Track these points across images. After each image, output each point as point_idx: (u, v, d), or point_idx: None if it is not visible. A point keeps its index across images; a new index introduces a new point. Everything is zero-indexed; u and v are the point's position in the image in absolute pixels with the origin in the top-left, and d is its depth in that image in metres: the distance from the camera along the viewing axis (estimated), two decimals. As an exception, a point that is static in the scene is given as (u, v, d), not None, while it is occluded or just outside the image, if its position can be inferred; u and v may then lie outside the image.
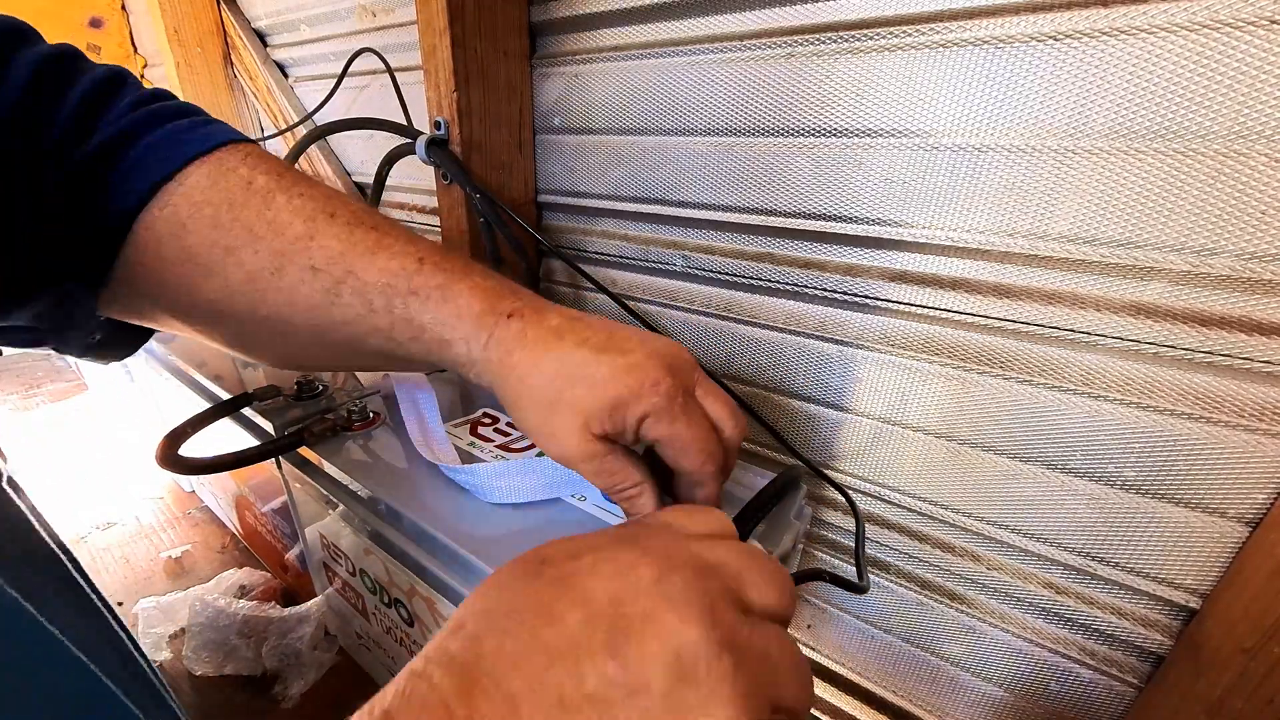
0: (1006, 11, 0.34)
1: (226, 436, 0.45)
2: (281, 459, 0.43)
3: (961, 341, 0.40)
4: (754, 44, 0.43)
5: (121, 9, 1.05)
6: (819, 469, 0.46)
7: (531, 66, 0.56)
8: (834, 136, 0.41)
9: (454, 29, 0.48)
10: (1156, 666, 0.39)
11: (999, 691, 0.47)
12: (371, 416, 0.43)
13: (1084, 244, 0.34)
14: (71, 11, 1.01)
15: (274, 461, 0.44)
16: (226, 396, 0.45)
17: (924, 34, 0.36)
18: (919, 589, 0.49)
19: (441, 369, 0.31)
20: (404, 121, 0.65)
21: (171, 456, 0.38)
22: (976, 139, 0.36)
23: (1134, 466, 0.36)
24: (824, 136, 0.42)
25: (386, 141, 0.62)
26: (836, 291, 0.45)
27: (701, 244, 0.51)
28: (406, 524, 0.35)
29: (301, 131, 0.80)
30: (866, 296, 0.43)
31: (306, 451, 0.41)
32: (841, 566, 0.53)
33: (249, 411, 0.45)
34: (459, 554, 0.32)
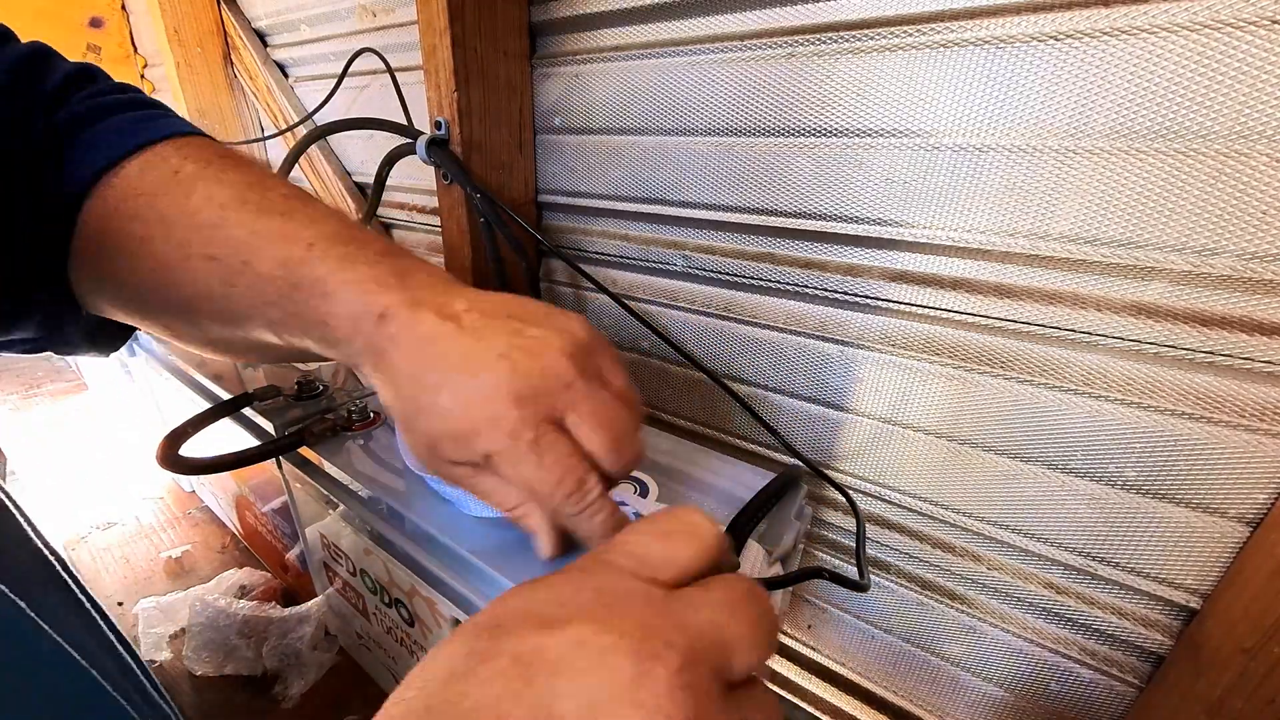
0: (1007, 11, 0.34)
1: (226, 436, 0.45)
2: (282, 459, 0.43)
3: (962, 341, 0.40)
4: (754, 44, 0.43)
5: (121, 9, 1.05)
6: (819, 469, 0.46)
7: (532, 66, 0.55)
8: (835, 136, 0.41)
9: (454, 29, 0.48)
10: (1157, 666, 0.39)
11: (999, 691, 0.47)
12: (372, 416, 0.43)
13: (1085, 244, 0.34)
14: (71, 11, 1.01)
15: (274, 461, 0.44)
16: (226, 396, 0.45)
17: (925, 34, 0.36)
18: (919, 589, 0.49)
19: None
20: (404, 121, 0.65)
21: (172, 456, 0.38)
22: (977, 139, 0.36)
23: (1135, 466, 0.36)
24: (825, 136, 0.42)
25: (387, 141, 0.62)
26: (837, 291, 0.45)
27: (702, 244, 0.51)
28: (407, 524, 0.35)
29: (301, 131, 0.80)
30: (867, 296, 0.43)
31: (307, 451, 0.41)
32: (842, 566, 0.53)
33: (249, 411, 0.45)
34: (460, 554, 0.32)
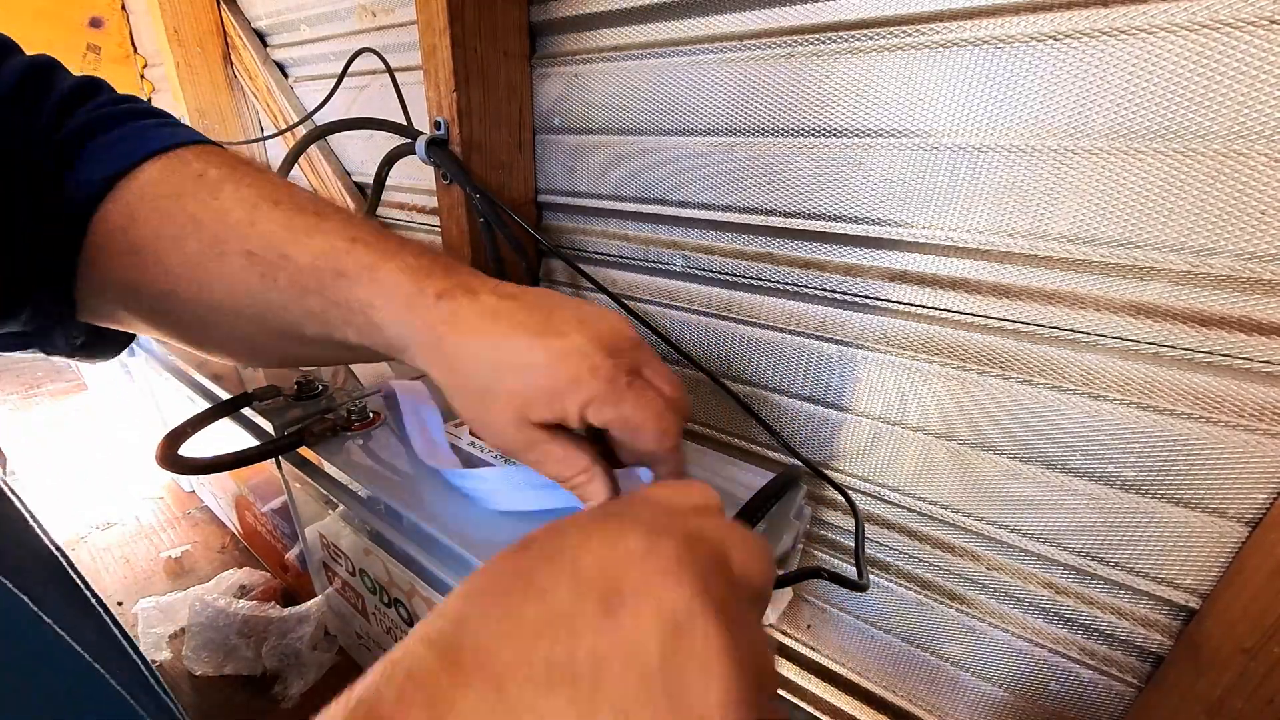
0: (1006, 11, 0.34)
1: (226, 436, 0.45)
2: (281, 459, 0.43)
3: (961, 341, 0.40)
4: (754, 44, 0.43)
5: (121, 9, 1.05)
6: (818, 469, 0.46)
7: (531, 66, 0.56)
8: (834, 136, 0.41)
9: (454, 29, 0.48)
10: (1156, 666, 0.39)
11: (999, 691, 0.47)
12: (371, 416, 0.43)
13: (1084, 244, 0.34)
14: (71, 11, 1.01)
15: (274, 461, 0.44)
16: (226, 396, 0.45)
17: (924, 34, 0.36)
18: (919, 589, 0.49)
19: (390, 357, 0.31)
20: (404, 121, 0.65)
21: (171, 456, 0.38)
22: (976, 139, 0.36)
23: (1134, 466, 0.36)
24: (824, 136, 0.42)
25: (386, 141, 0.62)
26: (836, 291, 0.45)
27: (701, 244, 0.51)
28: (406, 524, 0.35)
29: (301, 131, 0.80)
30: (866, 296, 0.43)
31: (306, 451, 0.41)
32: (842, 566, 0.53)
33: (249, 411, 0.45)
34: (459, 554, 0.32)
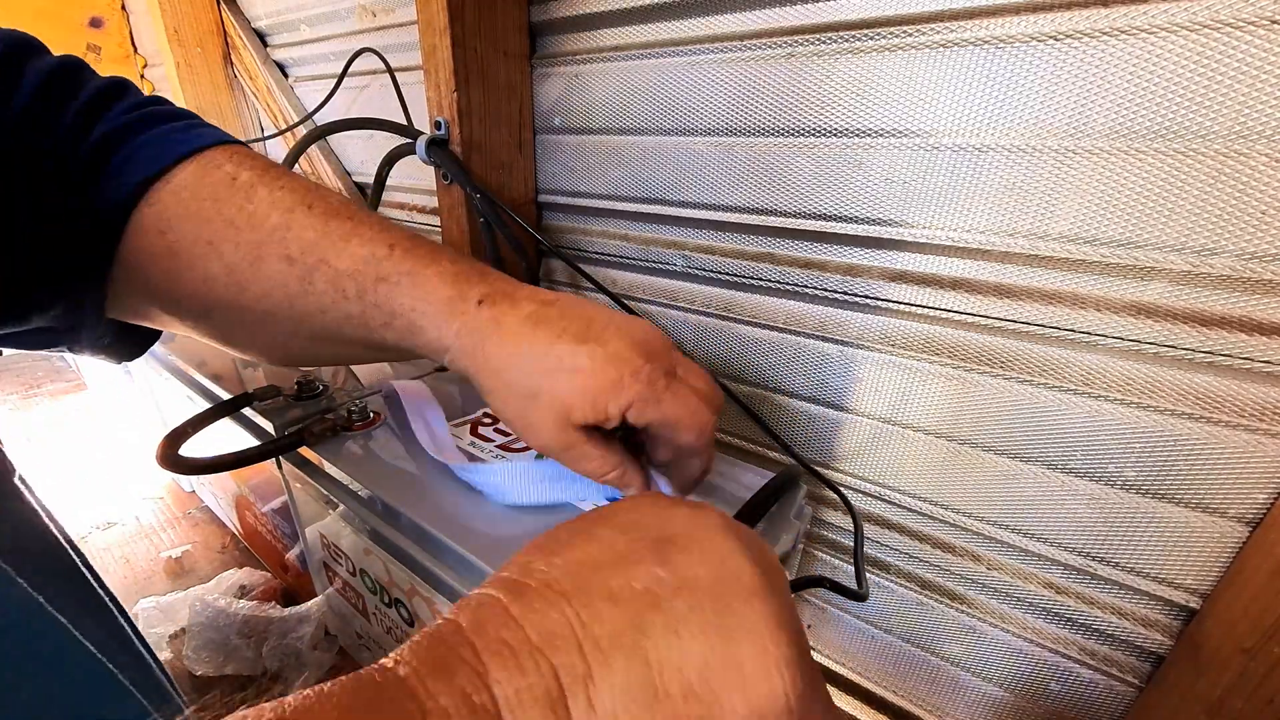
0: (1007, 11, 0.34)
1: (226, 436, 0.45)
2: (281, 459, 0.43)
3: (962, 341, 0.40)
4: (754, 44, 0.43)
5: (121, 9, 1.05)
6: (818, 471, 0.46)
7: (531, 66, 0.56)
8: (834, 136, 0.41)
9: (454, 29, 0.48)
10: (1156, 666, 0.39)
11: (999, 691, 0.47)
12: (371, 416, 0.43)
13: (1084, 244, 0.34)
14: (71, 11, 1.01)
15: (274, 461, 0.44)
16: (226, 396, 0.45)
17: (924, 34, 0.36)
18: (919, 589, 0.49)
19: (423, 357, 0.32)
20: (404, 121, 0.65)
21: (171, 456, 0.38)
22: (977, 139, 0.36)
23: (1134, 466, 0.36)
24: (824, 136, 0.42)
25: (386, 141, 0.62)
26: (837, 291, 0.45)
27: (702, 244, 0.51)
28: (407, 524, 0.35)
29: (301, 131, 0.80)
30: (867, 296, 0.43)
31: (306, 451, 0.41)
32: (842, 566, 0.53)
33: (249, 411, 0.45)
34: (459, 554, 0.32)
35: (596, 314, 0.29)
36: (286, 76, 0.90)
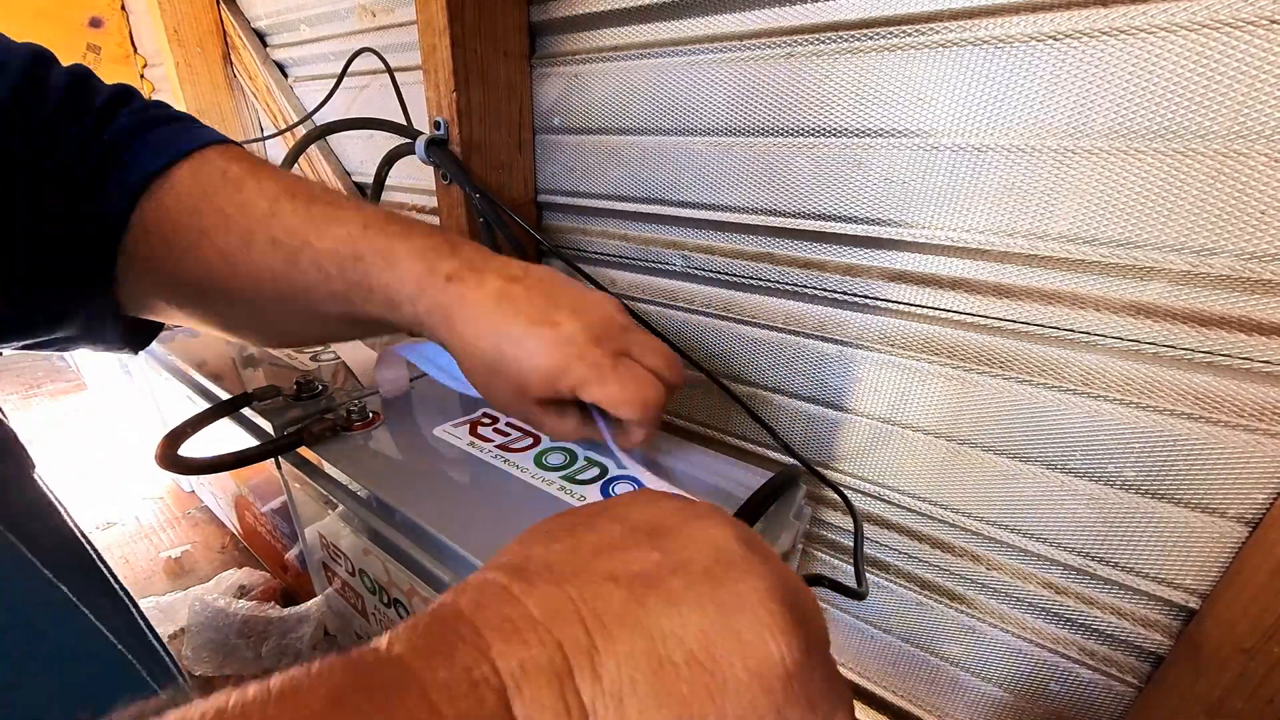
0: (1006, 11, 0.34)
1: (226, 436, 0.45)
2: (281, 459, 0.43)
3: (961, 341, 0.40)
4: (754, 44, 0.43)
5: (121, 9, 1.05)
6: (818, 471, 0.46)
7: (531, 66, 0.56)
8: (834, 136, 0.41)
9: (454, 29, 0.48)
10: (1156, 666, 0.39)
11: (999, 691, 0.47)
12: (371, 416, 0.43)
13: (1084, 244, 0.34)
14: (71, 11, 1.01)
15: (274, 461, 0.44)
16: (226, 396, 0.45)
17: (924, 34, 0.36)
18: (919, 589, 0.49)
19: (405, 330, 0.34)
20: (404, 121, 0.65)
21: (171, 456, 0.38)
22: (976, 139, 0.36)
23: (1134, 466, 0.36)
24: (824, 136, 0.42)
25: (386, 141, 0.62)
26: (836, 291, 0.45)
27: (701, 244, 0.51)
28: (406, 524, 0.35)
29: (301, 131, 0.80)
30: (866, 296, 0.43)
31: (306, 451, 0.41)
32: (842, 566, 0.53)
33: (249, 411, 0.45)
34: (459, 554, 0.32)
35: (557, 293, 0.32)
36: (286, 76, 0.90)
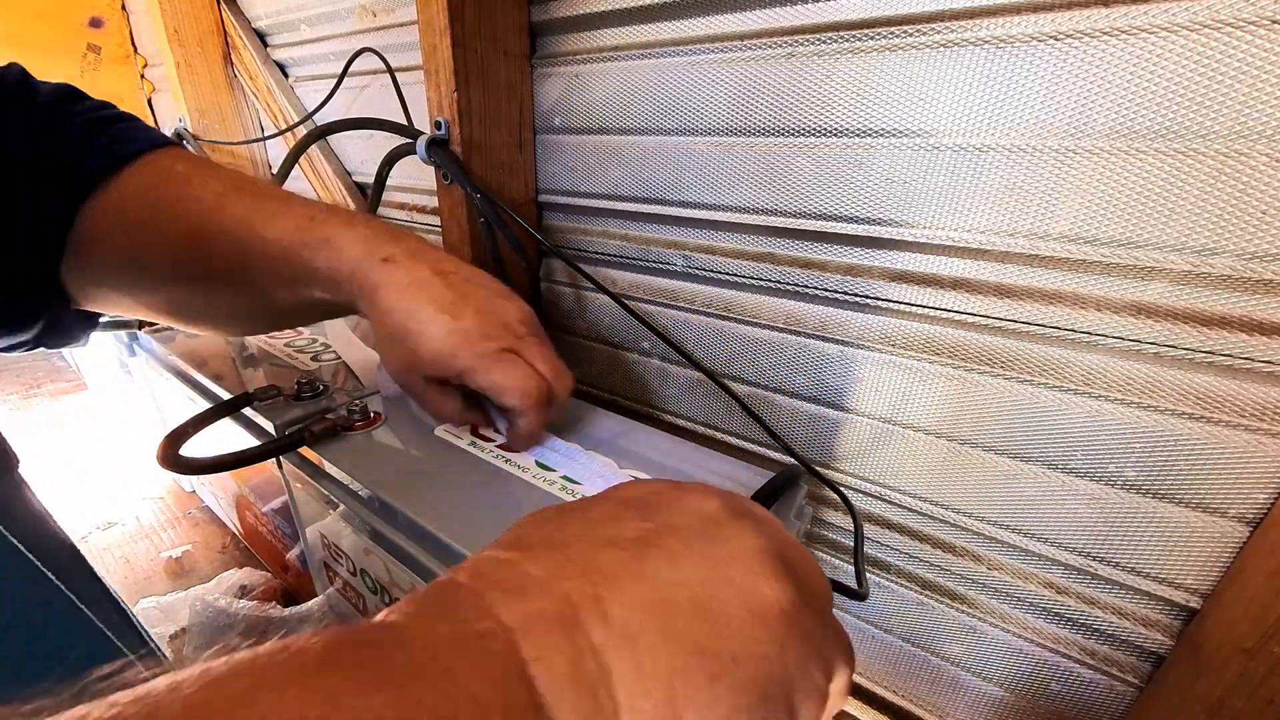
0: (1007, 11, 0.34)
1: (227, 436, 0.45)
2: (282, 459, 0.43)
3: (962, 341, 0.40)
4: (754, 44, 0.43)
5: (121, 9, 1.05)
6: (818, 471, 0.46)
7: (532, 66, 0.55)
8: (835, 136, 0.41)
9: (454, 29, 0.48)
10: (1157, 666, 0.39)
11: (999, 691, 0.47)
12: (372, 416, 0.43)
13: (1085, 244, 0.34)
14: (71, 11, 1.01)
15: (274, 461, 0.44)
16: (227, 396, 0.45)
17: (925, 34, 0.36)
18: (919, 589, 0.49)
19: (352, 313, 0.38)
20: (404, 121, 0.65)
21: (172, 456, 0.38)
22: (977, 139, 0.36)
23: (1134, 466, 0.36)
24: (825, 136, 0.42)
25: (387, 141, 0.62)
26: (837, 291, 0.45)
27: (702, 244, 0.51)
28: (407, 524, 0.35)
29: (301, 131, 0.80)
30: (867, 296, 0.43)
31: (307, 451, 0.41)
32: (843, 567, 0.53)
33: (249, 411, 0.45)
34: (460, 553, 0.32)
35: (471, 291, 0.36)
36: (286, 76, 0.90)
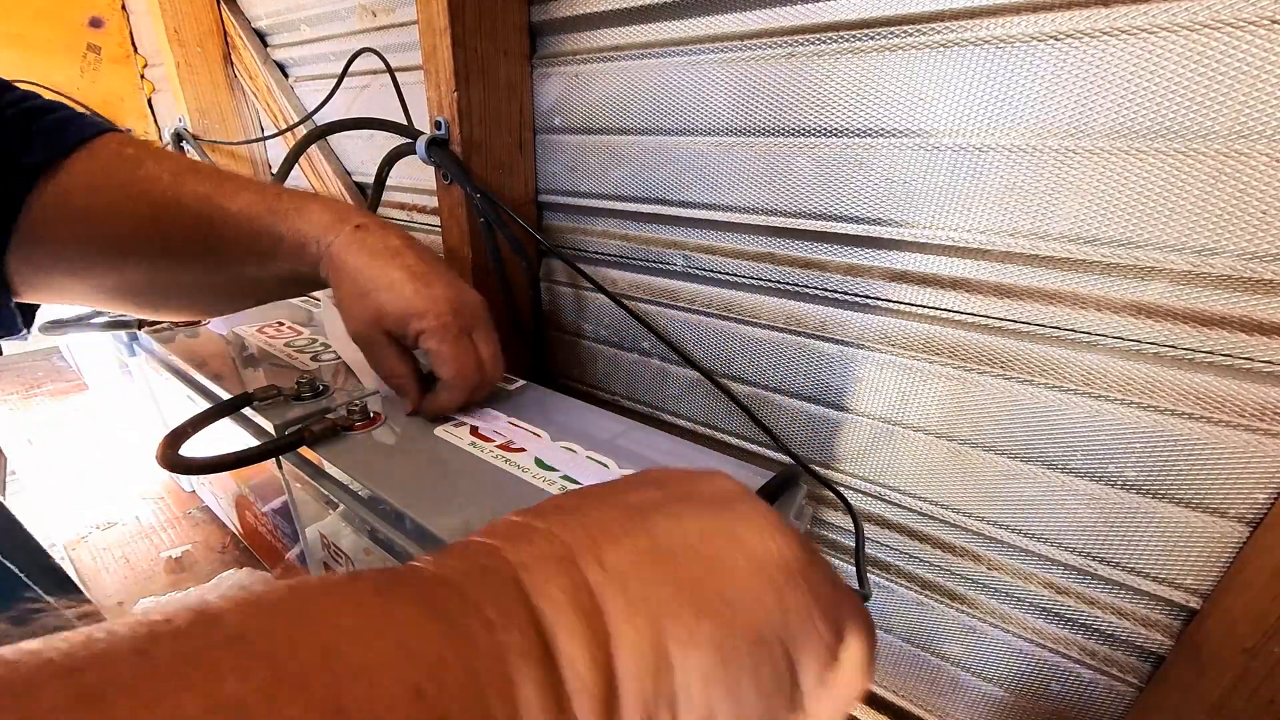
0: (1007, 11, 0.34)
1: (227, 436, 0.45)
2: (281, 459, 0.43)
3: (962, 341, 0.40)
4: (754, 44, 0.43)
5: (121, 9, 1.05)
6: (818, 471, 0.46)
7: (532, 66, 0.56)
8: (835, 136, 0.41)
9: (454, 29, 0.48)
10: (1157, 666, 0.39)
11: (999, 691, 0.47)
12: (372, 416, 0.43)
13: (1085, 244, 0.34)
14: (71, 11, 1.01)
15: (274, 461, 0.44)
16: (227, 396, 0.45)
17: (924, 34, 0.36)
18: (919, 589, 0.49)
19: (314, 284, 0.39)
20: (404, 121, 0.65)
21: (172, 456, 0.38)
22: (977, 139, 0.36)
23: (1134, 466, 0.36)
24: (825, 136, 0.42)
25: (387, 141, 0.62)
26: (837, 291, 0.45)
27: (702, 244, 0.51)
28: (407, 524, 0.35)
29: (301, 131, 0.80)
30: (867, 296, 0.43)
31: (307, 451, 0.41)
32: (843, 567, 0.53)
33: (249, 411, 0.45)
34: (459, 554, 0.32)
35: (439, 268, 0.37)
36: (286, 76, 0.90)
